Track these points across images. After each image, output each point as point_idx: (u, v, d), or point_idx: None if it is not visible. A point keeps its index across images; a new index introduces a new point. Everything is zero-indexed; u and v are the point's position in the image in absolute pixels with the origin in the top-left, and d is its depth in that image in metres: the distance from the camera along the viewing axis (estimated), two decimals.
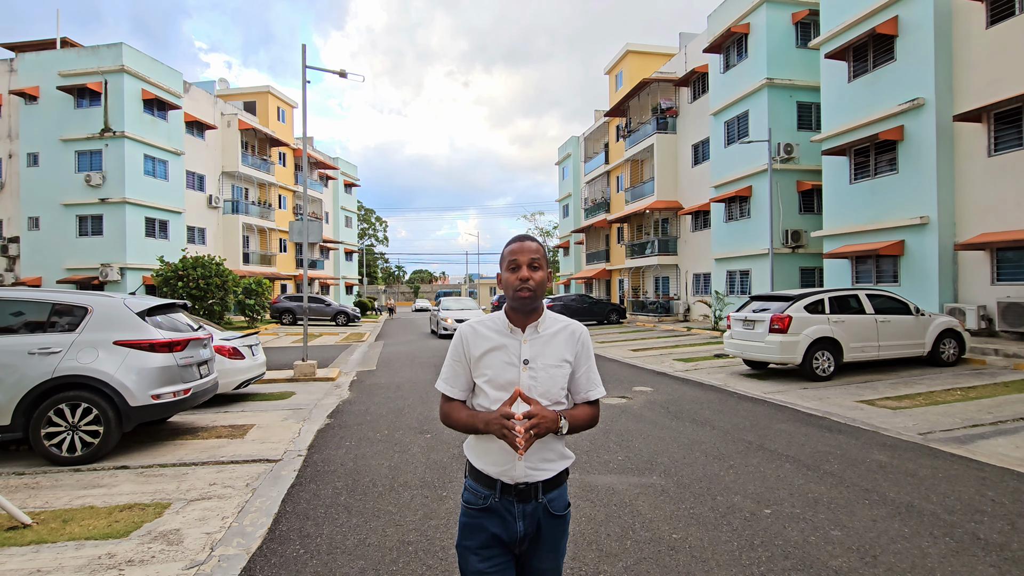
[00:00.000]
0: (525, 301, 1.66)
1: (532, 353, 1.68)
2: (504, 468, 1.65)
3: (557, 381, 1.69)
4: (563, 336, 1.73)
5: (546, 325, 1.72)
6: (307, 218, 11.28)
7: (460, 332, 1.74)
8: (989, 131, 12.38)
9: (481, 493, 1.68)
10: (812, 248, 18.81)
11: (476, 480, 1.70)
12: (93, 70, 23.30)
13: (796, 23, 19.08)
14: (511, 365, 1.66)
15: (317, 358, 12.98)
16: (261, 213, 33.90)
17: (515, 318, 1.71)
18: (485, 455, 1.68)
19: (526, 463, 1.64)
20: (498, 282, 1.79)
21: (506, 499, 1.65)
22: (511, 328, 1.71)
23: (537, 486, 1.66)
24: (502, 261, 1.72)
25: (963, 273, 13.05)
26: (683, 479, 4.55)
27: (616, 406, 7.56)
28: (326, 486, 4.52)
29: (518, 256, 1.67)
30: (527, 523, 1.66)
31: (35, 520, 3.73)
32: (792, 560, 3.13)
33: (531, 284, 1.65)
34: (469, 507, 1.70)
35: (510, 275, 1.67)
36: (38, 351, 5.10)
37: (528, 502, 1.66)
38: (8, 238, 25.04)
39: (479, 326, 1.73)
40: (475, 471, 1.71)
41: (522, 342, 1.68)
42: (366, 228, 75.30)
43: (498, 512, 1.66)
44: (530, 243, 1.70)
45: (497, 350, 1.68)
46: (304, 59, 11.77)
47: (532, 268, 1.66)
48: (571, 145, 41.54)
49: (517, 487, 1.65)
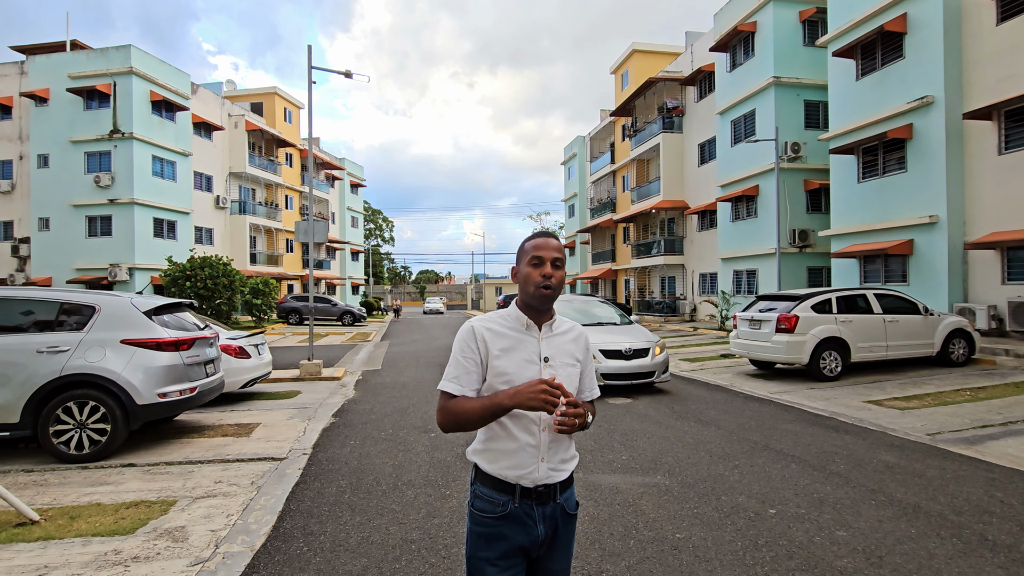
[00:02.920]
0: (546, 299, 1.61)
1: (550, 351, 1.64)
2: (526, 471, 1.58)
3: (574, 380, 1.67)
4: (571, 336, 1.71)
5: (558, 324, 1.70)
6: (313, 218, 11.33)
7: (473, 329, 1.65)
8: (999, 129, 12.25)
9: (498, 500, 1.60)
10: (819, 248, 18.68)
11: (490, 487, 1.61)
12: (102, 72, 23.52)
13: (803, 21, 18.96)
14: (531, 363, 1.61)
15: (323, 358, 13.03)
16: (268, 213, 34.08)
17: (530, 315, 1.65)
18: (503, 458, 1.60)
19: (548, 464, 1.59)
20: (513, 276, 1.71)
21: (525, 503, 1.59)
22: (527, 324, 1.65)
23: (556, 487, 1.62)
24: (521, 255, 1.66)
25: (973, 272, 12.92)
26: (687, 479, 4.53)
27: (621, 406, 7.53)
28: (330, 484, 4.54)
29: (542, 252, 1.62)
30: (547, 525, 1.61)
31: (43, 517, 3.77)
32: (797, 560, 3.11)
33: (553, 282, 1.61)
34: (484, 516, 1.61)
35: (532, 271, 1.61)
36: (46, 350, 5.15)
37: (547, 504, 1.61)
38: (19, 239, 25.32)
39: (493, 324, 1.66)
40: (488, 477, 1.62)
41: (539, 339, 1.64)
42: (372, 228, 75.56)
43: (518, 518, 1.59)
44: (554, 241, 1.65)
45: (515, 348, 1.61)
46: (310, 59, 11.82)
47: (555, 266, 1.62)
48: (577, 145, 41.50)
49: (537, 489, 1.59)
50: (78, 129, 23.72)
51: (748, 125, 20.44)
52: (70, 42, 25.41)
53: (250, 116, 33.31)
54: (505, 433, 1.59)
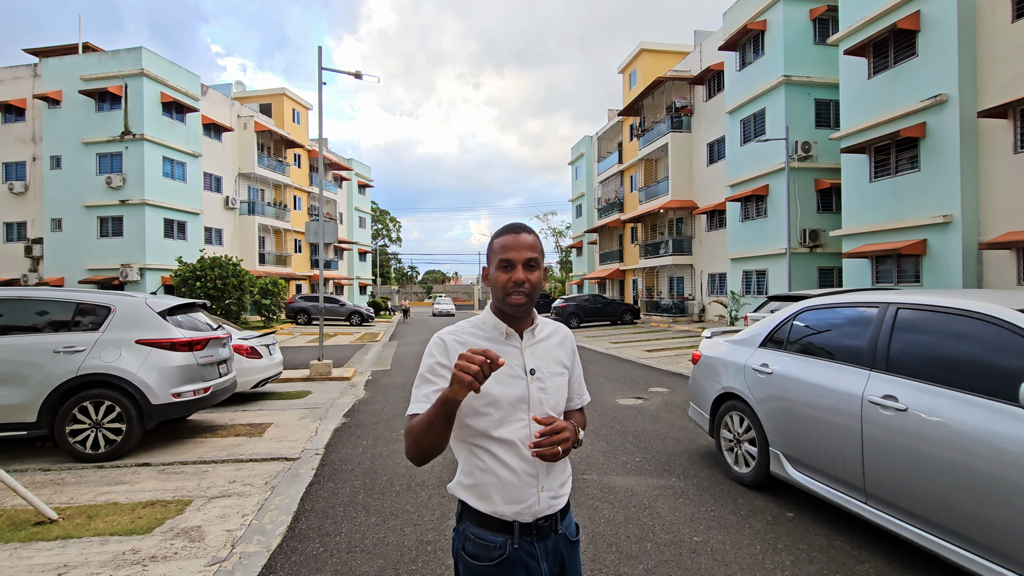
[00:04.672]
0: (519, 308, 1.37)
1: (535, 361, 1.41)
2: (524, 505, 1.35)
3: (563, 391, 1.46)
4: (555, 340, 1.49)
5: (540, 328, 1.47)
6: (322, 219, 11.37)
7: (444, 342, 1.39)
8: (1015, 127, 12.09)
9: (493, 543, 1.35)
10: (831, 248, 18.53)
11: (483, 526, 1.36)
12: (113, 74, 23.74)
13: (814, 19, 18.82)
14: (516, 377, 1.37)
15: (332, 358, 13.07)
16: (276, 214, 34.26)
17: (507, 321, 1.43)
18: (496, 492, 1.34)
19: (548, 492, 1.37)
20: (484, 279, 1.46)
21: (525, 541, 1.36)
22: (507, 333, 1.41)
23: (556, 516, 1.40)
24: (491, 256, 1.41)
25: (988, 273, 12.76)
26: (703, 481, 4.49)
27: (632, 407, 7.50)
28: (344, 485, 4.54)
29: (511, 254, 1.35)
30: (551, 563, 1.39)
31: (61, 515, 3.79)
32: (817, 565, 3.07)
33: (526, 288, 1.35)
34: (478, 563, 1.35)
35: (501, 274, 1.36)
36: (63, 350, 5.19)
37: (548, 538, 1.39)
38: (32, 239, 25.60)
39: (464, 334, 1.41)
40: (479, 515, 1.36)
41: (522, 349, 1.41)
42: (380, 228, 75.81)
43: (519, 561, 1.35)
44: (526, 236, 1.38)
45: None
46: (320, 61, 11.86)
47: (528, 268, 1.36)
48: (584, 145, 41.42)
49: (538, 523, 1.37)
50: (90, 131, 23.96)
51: (758, 124, 20.31)
52: (82, 45, 25.67)
53: (259, 117, 33.52)
54: (495, 461, 1.35)
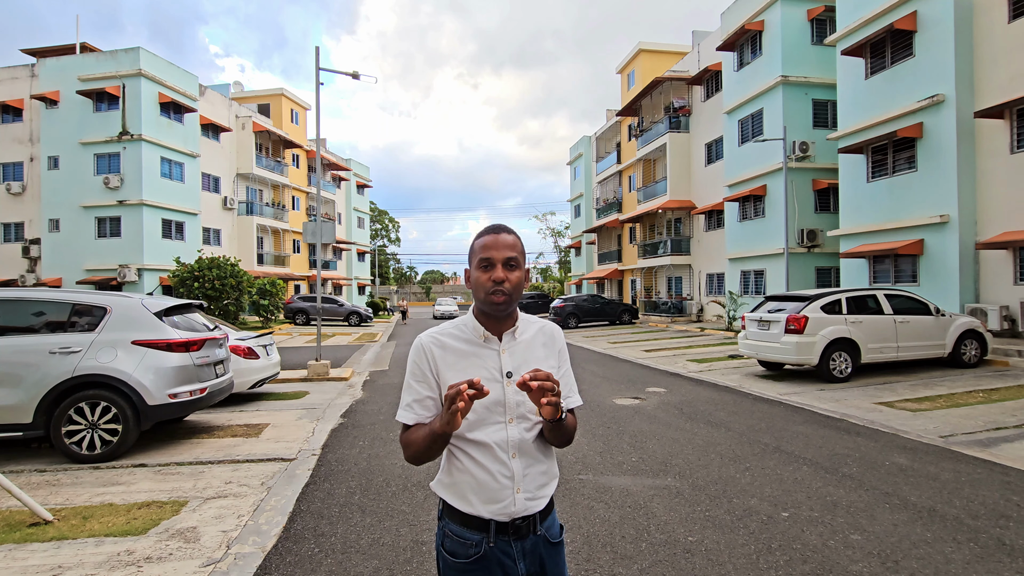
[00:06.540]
0: (499, 307, 1.39)
1: (514, 364, 1.42)
2: (500, 506, 1.38)
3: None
4: (540, 340, 1.50)
5: (522, 329, 1.47)
6: (321, 219, 11.37)
7: (421, 345, 1.44)
8: (1012, 127, 12.12)
9: (470, 540, 1.40)
10: (828, 248, 18.55)
11: (461, 524, 1.41)
12: (111, 74, 23.70)
13: (811, 20, 18.84)
14: (492, 381, 1.38)
15: (330, 358, 13.07)
16: (275, 214, 34.24)
17: (488, 323, 1.44)
18: (473, 492, 1.39)
19: (524, 494, 1.40)
20: (466, 280, 1.48)
21: (502, 540, 1.40)
22: (485, 336, 1.44)
23: (535, 517, 1.43)
24: (472, 256, 1.44)
25: (985, 273, 12.78)
26: (698, 481, 4.50)
27: (629, 407, 7.51)
28: (340, 485, 4.54)
29: (491, 253, 1.39)
30: (528, 563, 1.42)
31: (56, 516, 3.79)
32: (811, 564, 3.08)
33: (506, 287, 1.38)
34: (456, 560, 1.41)
35: (481, 274, 1.39)
36: (59, 350, 5.19)
37: (526, 538, 1.42)
38: (29, 240, 25.56)
39: (443, 336, 1.45)
40: (458, 513, 1.41)
41: (500, 352, 1.43)
42: (379, 228, 75.77)
43: (495, 559, 1.39)
44: (506, 236, 1.42)
45: (471, 365, 1.40)
46: (317, 61, 11.86)
47: (508, 267, 1.39)
48: (583, 145, 41.44)
49: (515, 523, 1.40)
50: (87, 131, 23.92)
51: (756, 124, 20.33)
52: (80, 45, 25.63)
53: (257, 117, 33.49)
54: (471, 463, 1.39)
